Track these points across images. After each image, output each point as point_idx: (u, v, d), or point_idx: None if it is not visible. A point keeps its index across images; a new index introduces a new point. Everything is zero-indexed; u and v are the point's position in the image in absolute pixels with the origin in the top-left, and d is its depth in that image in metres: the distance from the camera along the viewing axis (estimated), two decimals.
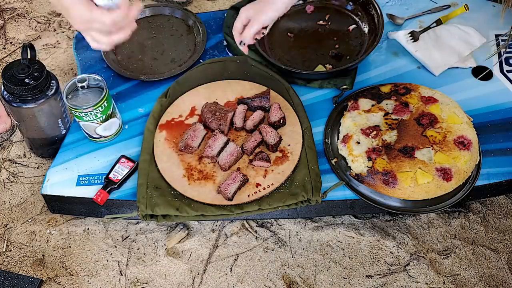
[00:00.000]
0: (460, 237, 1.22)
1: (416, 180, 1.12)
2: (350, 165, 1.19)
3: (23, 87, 1.16)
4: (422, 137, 1.17)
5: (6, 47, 1.66)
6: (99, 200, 1.16)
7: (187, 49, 1.47)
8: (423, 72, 1.39)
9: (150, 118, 1.29)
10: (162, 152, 1.23)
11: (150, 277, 1.18)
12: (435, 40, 1.42)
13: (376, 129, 1.21)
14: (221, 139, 1.20)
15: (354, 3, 1.48)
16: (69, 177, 1.23)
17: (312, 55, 1.42)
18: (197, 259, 1.20)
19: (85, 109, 1.17)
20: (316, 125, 1.28)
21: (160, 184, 1.18)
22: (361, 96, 1.29)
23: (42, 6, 1.78)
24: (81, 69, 1.44)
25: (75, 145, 1.28)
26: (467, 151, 1.15)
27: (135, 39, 1.49)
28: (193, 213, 1.14)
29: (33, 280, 1.15)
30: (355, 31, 1.46)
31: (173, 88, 1.34)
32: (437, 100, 1.24)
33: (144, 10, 1.54)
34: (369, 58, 1.41)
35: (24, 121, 1.24)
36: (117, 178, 1.19)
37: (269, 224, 1.25)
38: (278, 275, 1.17)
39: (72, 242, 1.23)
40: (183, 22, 1.53)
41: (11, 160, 1.38)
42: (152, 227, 1.25)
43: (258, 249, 1.21)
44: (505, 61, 1.40)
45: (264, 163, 1.17)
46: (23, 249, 1.22)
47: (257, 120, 1.25)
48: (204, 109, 1.27)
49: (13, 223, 1.27)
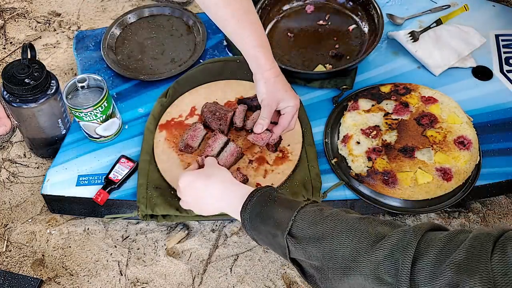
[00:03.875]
0: None
1: (416, 180, 1.12)
2: (350, 165, 1.19)
3: (23, 87, 1.16)
4: (422, 137, 1.17)
5: (6, 47, 1.66)
6: (99, 200, 1.16)
7: (187, 49, 1.47)
8: (423, 72, 1.39)
9: (150, 118, 1.29)
10: (162, 152, 1.23)
11: (150, 277, 1.18)
12: (435, 40, 1.42)
13: (376, 129, 1.21)
14: (221, 139, 1.20)
15: (354, 2, 1.48)
16: (69, 177, 1.23)
17: (312, 55, 1.42)
18: (197, 259, 1.20)
19: (85, 109, 1.17)
20: (316, 125, 1.28)
21: (160, 184, 1.18)
22: (361, 96, 1.29)
23: (42, 6, 1.78)
24: (81, 69, 1.44)
25: (75, 145, 1.28)
26: (467, 151, 1.15)
27: (135, 39, 1.49)
28: (193, 213, 1.14)
29: (33, 280, 1.15)
30: (355, 31, 1.46)
31: (173, 88, 1.35)
32: (437, 100, 1.24)
33: (144, 10, 1.55)
34: (369, 58, 1.41)
35: (24, 121, 1.24)
36: (117, 178, 1.19)
37: None
38: (278, 275, 1.17)
39: (72, 242, 1.23)
40: (183, 22, 1.53)
41: (11, 160, 1.38)
42: (152, 227, 1.25)
43: (258, 249, 1.21)
44: (505, 61, 1.40)
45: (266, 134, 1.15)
46: (23, 249, 1.22)
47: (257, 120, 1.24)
48: (204, 109, 1.27)
49: (13, 223, 1.27)
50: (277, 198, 0.89)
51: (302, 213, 0.83)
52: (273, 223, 0.85)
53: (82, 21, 1.73)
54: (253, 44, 1.06)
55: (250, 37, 1.06)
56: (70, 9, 1.77)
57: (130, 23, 1.53)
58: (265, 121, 1.12)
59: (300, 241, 0.81)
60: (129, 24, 1.53)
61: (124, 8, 1.75)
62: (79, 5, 1.78)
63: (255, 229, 0.89)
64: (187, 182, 1.02)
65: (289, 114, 1.12)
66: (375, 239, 0.74)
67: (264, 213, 0.87)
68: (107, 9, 1.76)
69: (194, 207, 1.04)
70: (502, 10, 1.52)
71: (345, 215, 0.80)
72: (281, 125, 1.13)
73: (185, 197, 1.04)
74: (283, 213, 0.85)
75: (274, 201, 0.88)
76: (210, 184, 1.00)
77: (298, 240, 0.81)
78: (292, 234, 0.82)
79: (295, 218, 0.83)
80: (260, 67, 1.08)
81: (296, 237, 0.82)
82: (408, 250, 0.69)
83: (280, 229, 0.83)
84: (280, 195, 0.91)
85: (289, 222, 0.82)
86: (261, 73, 1.08)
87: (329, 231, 0.78)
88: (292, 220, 0.83)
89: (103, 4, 1.78)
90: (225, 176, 1.02)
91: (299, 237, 0.81)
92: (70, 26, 1.70)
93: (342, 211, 0.82)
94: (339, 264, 0.75)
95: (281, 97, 1.10)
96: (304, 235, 0.81)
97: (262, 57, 1.06)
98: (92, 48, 1.49)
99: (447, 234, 0.69)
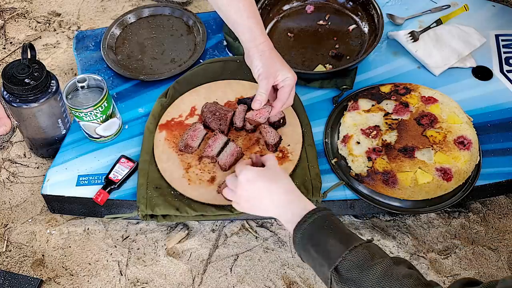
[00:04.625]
0: (460, 237, 1.22)
1: (416, 180, 1.12)
2: (350, 165, 1.19)
3: (23, 87, 1.15)
4: (422, 137, 1.17)
5: (6, 47, 1.66)
6: (99, 200, 1.16)
7: (187, 49, 1.47)
8: (423, 72, 1.39)
9: (150, 118, 1.29)
10: (162, 152, 1.23)
11: (150, 277, 1.18)
12: (435, 40, 1.42)
13: (376, 129, 1.21)
14: (221, 139, 1.20)
15: (354, 2, 1.48)
16: (69, 177, 1.23)
17: (312, 55, 1.42)
18: (197, 259, 1.20)
19: (85, 109, 1.17)
20: (316, 125, 1.28)
21: (160, 184, 1.18)
22: (361, 96, 1.29)
23: (42, 6, 1.78)
24: (81, 69, 1.44)
25: (75, 145, 1.28)
26: (467, 151, 1.15)
27: (135, 39, 1.49)
28: (193, 213, 1.14)
29: (33, 280, 1.15)
30: (355, 31, 1.46)
31: (173, 88, 1.35)
32: (437, 100, 1.24)
33: (144, 10, 1.54)
34: (369, 58, 1.41)
35: (24, 121, 1.23)
36: (117, 178, 1.19)
37: (269, 224, 1.25)
38: (278, 275, 1.17)
39: (72, 242, 1.23)
40: (183, 22, 1.53)
41: (11, 160, 1.38)
42: (152, 227, 1.25)
43: (258, 249, 1.21)
44: (505, 61, 1.40)
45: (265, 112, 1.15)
46: (23, 249, 1.22)
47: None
48: (204, 109, 1.27)
49: (13, 223, 1.27)
50: (333, 226, 0.88)
51: (353, 254, 0.83)
52: (323, 252, 0.85)
53: (82, 21, 1.73)
54: (248, 15, 1.06)
55: (245, 7, 1.05)
56: (70, 9, 1.77)
57: (130, 23, 1.53)
58: (263, 96, 1.09)
59: (344, 281, 0.81)
60: (129, 24, 1.53)
61: (124, 8, 1.75)
62: (79, 5, 1.78)
63: (305, 250, 0.88)
64: (250, 177, 0.97)
65: (288, 87, 1.09)
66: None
67: (317, 239, 0.87)
68: (107, 9, 1.76)
69: (244, 204, 1.00)
70: (502, 10, 1.52)
71: (391, 269, 0.80)
72: (280, 98, 1.10)
73: (241, 191, 0.99)
74: (335, 246, 0.84)
75: (330, 229, 0.87)
76: (274, 189, 0.96)
77: (341, 279, 0.82)
78: (338, 270, 0.82)
79: (345, 256, 0.83)
80: (255, 39, 1.06)
81: (341, 274, 0.82)
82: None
83: (328, 262, 0.84)
84: (337, 222, 0.90)
85: (339, 259, 0.83)
86: (256, 46, 1.07)
87: (372, 280, 0.79)
88: (342, 257, 0.83)
89: (103, 4, 1.78)
90: (289, 185, 0.98)
91: (344, 277, 0.82)
92: (70, 26, 1.70)
93: (392, 262, 0.81)
94: None
95: (279, 68, 1.07)
96: (348, 276, 0.81)
97: (257, 28, 1.06)
98: (92, 48, 1.49)
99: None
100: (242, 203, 1.00)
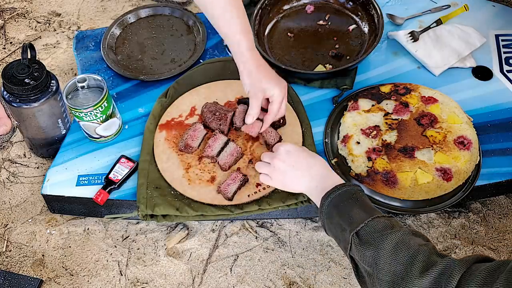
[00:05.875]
0: (460, 237, 1.22)
1: (416, 180, 1.12)
2: (350, 165, 1.19)
3: (23, 87, 1.16)
4: (422, 137, 1.17)
5: (6, 47, 1.66)
6: (99, 200, 1.16)
7: (187, 49, 1.47)
8: (423, 72, 1.39)
9: (150, 118, 1.29)
10: (162, 152, 1.23)
11: (150, 277, 1.18)
12: (435, 40, 1.42)
13: (376, 129, 1.21)
14: (221, 139, 1.20)
15: (354, 2, 1.48)
16: (69, 177, 1.23)
17: (312, 55, 1.42)
18: (197, 259, 1.20)
19: (85, 109, 1.17)
20: (316, 125, 1.28)
21: (160, 184, 1.18)
22: (361, 96, 1.29)
23: (42, 6, 1.78)
24: (81, 69, 1.44)
25: (75, 145, 1.28)
26: (467, 151, 1.15)
27: (135, 39, 1.49)
28: (193, 213, 1.14)
29: (33, 280, 1.15)
30: (355, 31, 1.46)
31: (173, 88, 1.35)
32: (437, 100, 1.24)
33: (144, 10, 1.54)
34: (369, 58, 1.41)
35: (24, 121, 1.24)
36: (117, 178, 1.19)
37: (269, 224, 1.25)
38: (278, 275, 1.17)
39: (72, 242, 1.23)
40: (183, 22, 1.53)
41: (11, 160, 1.38)
42: (152, 227, 1.25)
43: (258, 249, 1.21)
44: (505, 61, 1.40)
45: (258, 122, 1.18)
46: (23, 249, 1.22)
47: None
48: (204, 109, 1.27)
49: (13, 223, 1.27)
50: (359, 199, 0.93)
51: (375, 221, 0.87)
52: (347, 218, 0.90)
53: (82, 21, 1.73)
54: (236, 29, 1.08)
55: (234, 20, 1.08)
56: (70, 9, 1.77)
57: (130, 23, 1.53)
58: (254, 111, 1.14)
59: (362, 243, 0.85)
60: (129, 24, 1.53)
61: (124, 8, 1.75)
62: (79, 5, 1.78)
63: (329, 217, 0.93)
64: (291, 149, 1.06)
65: (276, 102, 1.14)
66: (427, 266, 0.77)
67: (343, 207, 0.92)
68: (107, 9, 1.76)
69: (278, 176, 1.06)
70: (502, 10, 1.52)
71: (409, 238, 0.83)
72: (270, 113, 1.16)
73: (278, 162, 1.05)
74: (359, 214, 0.89)
75: (356, 201, 0.93)
76: (315, 162, 1.04)
77: (361, 242, 0.86)
78: (358, 234, 0.87)
79: (367, 222, 0.87)
80: (242, 55, 1.09)
81: (361, 238, 0.86)
82: (453, 278, 0.72)
83: (351, 226, 0.88)
84: (364, 198, 0.95)
85: (361, 224, 0.87)
86: (243, 63, 1.10)
87: (390, 245, 0.82)
88: (364, 223, 0.87)
89: (103, 4, 1.78)
90: (324, 162, 1.05)
91: (363, 240, 0.86)
92: (70, 26, 1.70)
93: (410, 232, 0.85)
94: (388, 277, 0.79)
95: (265, 87, 1.11)
96: (367, 239, 0.85)
97: (244, 44, 1.08)
98: (92, 48, 1.49)
99: (489, 266, 0.72)
100: (276, 176, 1.06)
